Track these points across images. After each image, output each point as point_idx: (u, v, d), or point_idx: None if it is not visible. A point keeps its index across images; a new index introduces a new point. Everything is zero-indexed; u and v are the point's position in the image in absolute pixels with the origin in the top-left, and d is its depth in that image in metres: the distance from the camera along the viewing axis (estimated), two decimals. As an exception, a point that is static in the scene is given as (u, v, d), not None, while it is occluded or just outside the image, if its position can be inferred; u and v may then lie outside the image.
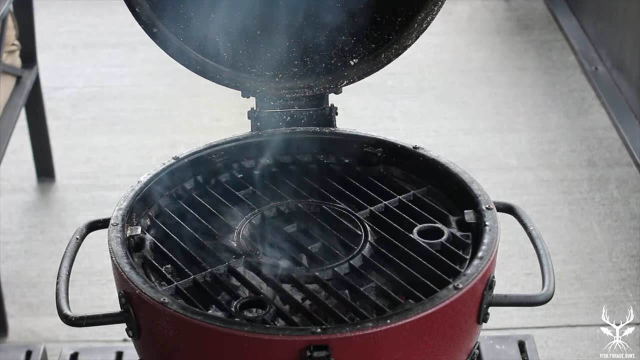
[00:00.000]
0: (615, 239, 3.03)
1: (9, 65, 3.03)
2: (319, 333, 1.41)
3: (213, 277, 1.59)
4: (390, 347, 1.45)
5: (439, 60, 4.19)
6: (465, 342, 1.58)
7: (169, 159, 1.85)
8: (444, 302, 1.47)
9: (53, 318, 2.72)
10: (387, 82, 3.98)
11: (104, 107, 3.90)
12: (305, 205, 1.77)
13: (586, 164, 3.42)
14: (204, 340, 1.46)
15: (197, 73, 1.90)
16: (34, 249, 3.10)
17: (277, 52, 1.90)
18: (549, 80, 3.97)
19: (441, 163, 1.81)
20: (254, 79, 1.91)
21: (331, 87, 1.92)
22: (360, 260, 1.62)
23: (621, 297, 2.81)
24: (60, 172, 3.46)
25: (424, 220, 1.72)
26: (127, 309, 1.55)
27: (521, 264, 2.93)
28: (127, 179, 3.36)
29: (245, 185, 1.85)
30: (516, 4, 4.64)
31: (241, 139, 1.92)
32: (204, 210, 1.76)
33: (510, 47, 4.28)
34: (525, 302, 1.61)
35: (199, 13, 1.84)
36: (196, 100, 3.91)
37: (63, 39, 4.44)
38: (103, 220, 1.76)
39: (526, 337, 2.25)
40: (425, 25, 1.84)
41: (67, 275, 1.63)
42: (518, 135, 3.60)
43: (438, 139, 3.59)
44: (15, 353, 2.28)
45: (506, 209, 1.77)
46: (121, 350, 2.28)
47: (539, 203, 3.21)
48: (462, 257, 1.62)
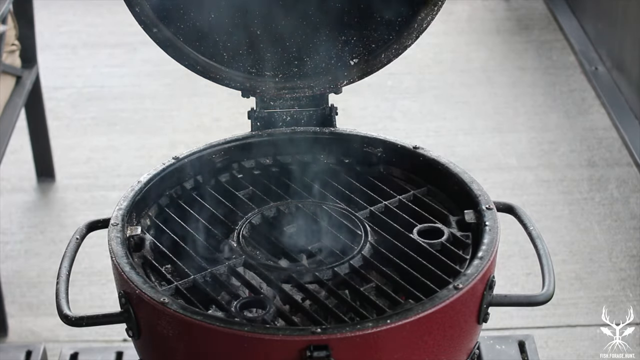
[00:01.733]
0: (615, 239, 3.03)
1: (9, 65, 3.03)
2: (319, 333, 1.41)
3: (213, 277, 1.59)
4: (390, 347, 1.45)
5: (439, 60, 4.18)
6: (465, 342, 1.58)
7: (169, 159, 1.85)
8: (444, 302, 1.47)
9: (53, 318, 2.72)
10: (387, 82, 3.98)
11: (104, 107, 3.89)
12: (305, 205, 1.77)
13: (586, 164, 3.42)
14: (204, 340, 1.46)
15: (197, 73, 1.90)
16: (34, 249, 3.10)
17: (277, 52, 1.90)
18: (549, 80, 3.97)
19: (441, 163, 1.81)
20: (254, 79, 1.91)
21: (331, 87, 1.92)
22: (360, 260, 1.62)
23: (621, 297, 2.80)
24: (60, 172, 3.45)
25: (424, 220, 1.72)
26: (127, 309, 1.55)
27: (521, 264, 2.93)
28: (127, 179, 3.36)
29: (245, 185, 1.85)
30: (516, 4, 4.64)
31: (241, 139, 1.92)
32: (204, 210, 1.76)
33: (510, 47, 4.28)
34: (525, 302, 1.61)
35: (199, 13, 1.84)
36: (196, 100, 3.91)
37: (63, 39, 4.43)
38: (103, 220, 1.76)
39: (526, 337, 2.25)
40: (425, 25, 1.84)
41: (67, 275, 1.63)
42: (518, 135, 3.60)
43: (438, 139, 3.59)
44: (15, 353, 2.28)
45: (506, 209, 1.77)
46: (121, 350, 2.28)
47: (539, 203, 3.21)
48: (462, 257, 1.62)
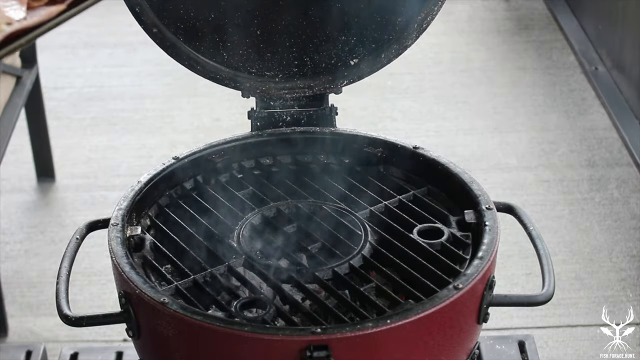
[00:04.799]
0: (615, 239, 3.03)
1: (9, 65, 3.03)
2: (319, 333, 1.41)
3: (213, 277, 1.59)
4: (390, 347, 1.45)
5: (439, 60, 4.18)
6: (465, 342, 1.58)
7: (169, 159, 1.85)
8: (444, 302, 1.47)
9: (53, 318, 2.72)
10: (387, 82, 3.98)
11: (103, 107, 3.89)
12: (305, 205, 1.77)
13: (586, 164, 3.42)
14: (204, 340, 1.46)
15: (197, 73, 1.90)
16: (34, 249, 3.10)
17: (277, 52, 1.90)
18: (549, 80, 3.97)
19: (441, 163, 1.81)
20: (254, 79, 1.91)
21: (331, 87, 1.92)
22: (360, 260, 1.62)
23: (621, 297, 2.80)
24: (60, 172, 3.45)
25: (424, 220, 1.72)
26: (127, 309, 1.55)
27: (521, 264, 2.93)
28: (127, 179, 3.36)
29: (245, 185, 1.85)
30: (516, 4, 4.64)
31: (241, 139, 1.92)
32: (204, 210, 1.76)
33: (510, 47, 4.28)
34: (525, 302, 1.61)
35: (198, 13, 1.84)
36: (196, 100, 3.91)
37: (63, 39, 4.43)
38: (103, 220, 1.76)
39: (526, 337, 2.24)
40: (425, 25, 1.84)
41: (67, 275, 1.63)
42: (518, 135, 3.60)
43: (438, 139, 3.59)
44: (15, 353, 2.28)
45: (506, 209, 1.77)
46: (121, 351, 2.28)
47: (539, 203, 3.21)
48: (462, 257, 1.62)
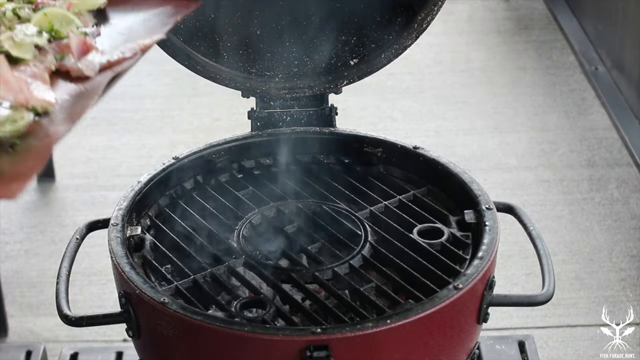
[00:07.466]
0: (615, 239, 3.03)
1: (9, 65, 3.03)
2: (319, 333, 1.41)
3: (213, 277, 1.59)
4: (390, 347, 1.45)
5: (439, 60, 4.18)
6: (465, 342, 1.58)
7: (169, 159, 1.85)
8: (444, 302, 1.47)
9: (53, 318, 2.71)
10: (387, 82, 3.98)
11: (103, 107, 3.89)
12: (305, 205, 1.77)
13: (586, 164, 3.41)
14: (204, 340, 1.46)
15: (197, 73, 1.90)
16: (34, 249, 3.10)
17: (277, 52, 1.90)
18: (549, 80, 3.97)
19: (441, 163, 1.81)
20: (253, 79, 1.91)
21: (331, 87, 1.92)
22: (360, 260, 1.62)
23: (621, 297, 2.80)
24: (60, 172, 3.45)
25: (424, 220, 1.72)
26: (127, 309, 1.55)
27: (521, 264, 2.93)
28: (127, 179, 3.35)
29: (245, 185, 1.85)
30: (516, 4, 4.64)
31: (241, 139, 1.92)
32: (204, 210, 1.76)
33: (510, 47, 4.28)
34: (525, 302, 1.61)
35: (199, 13, 1.84)
36: (196, 100, 3.91)
37: (63, 39, 4.43)
38: (103, 220, 1.76)
39: (526, 337, 2.24)
40: (425, 25, 1.84)
41: (67, 275, 1.63)
42: (518, 135, 3.60)
43: (438, 139, 3.59)
44: (15, 353, 2.28)
45: (506, 209, 1.77)
46: (121, 350, 2.28)
47: (539, 203, 3.21)
48: (462, 257, 1.62)
